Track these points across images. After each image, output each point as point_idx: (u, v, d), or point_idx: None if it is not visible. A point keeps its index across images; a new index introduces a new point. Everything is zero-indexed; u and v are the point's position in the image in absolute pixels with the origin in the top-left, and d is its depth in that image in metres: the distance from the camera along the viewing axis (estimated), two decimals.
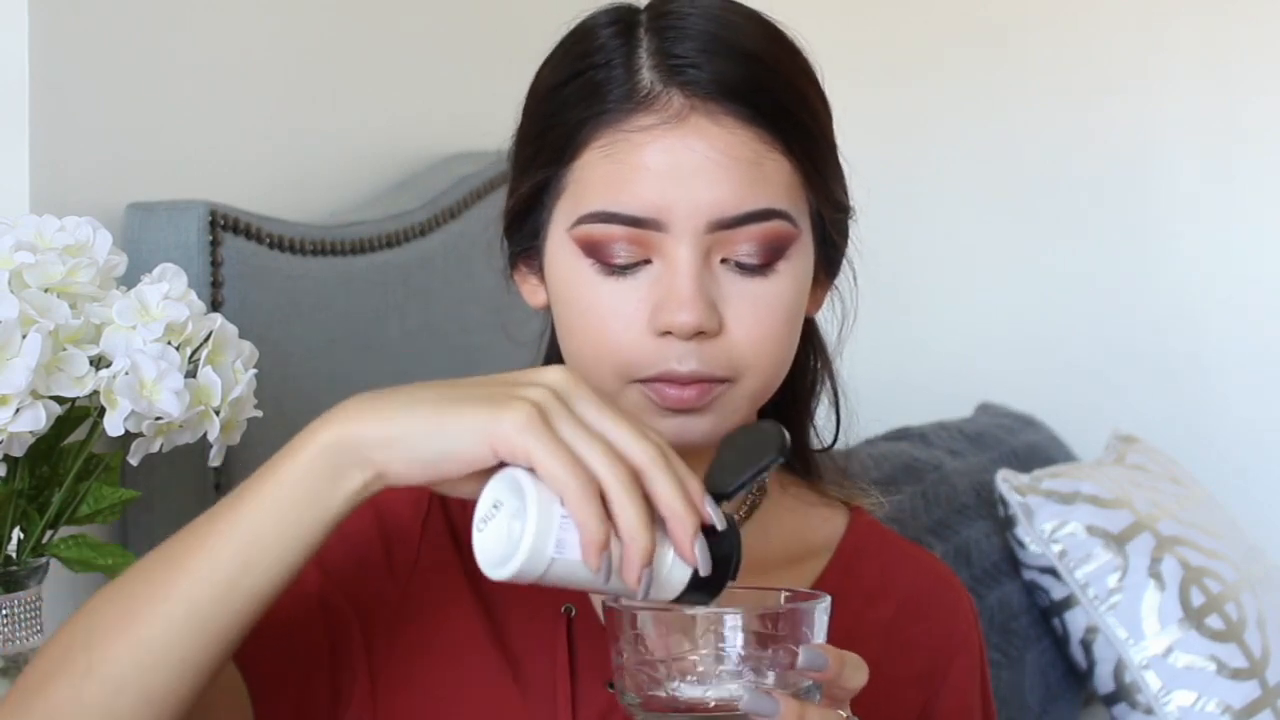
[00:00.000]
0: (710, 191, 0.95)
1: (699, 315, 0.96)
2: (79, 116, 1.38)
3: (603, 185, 0.97)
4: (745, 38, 0.99)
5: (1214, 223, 2.36)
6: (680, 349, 0.97)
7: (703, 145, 0.95)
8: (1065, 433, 2.31)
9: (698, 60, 0.96)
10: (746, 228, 0.97)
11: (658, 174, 0.95)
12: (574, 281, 0.99)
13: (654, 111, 0.96)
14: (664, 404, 0.98)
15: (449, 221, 1.73)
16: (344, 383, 1.56)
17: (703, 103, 0.96)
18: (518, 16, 1.97)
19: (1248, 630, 1.87)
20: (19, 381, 1.07)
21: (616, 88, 0.97)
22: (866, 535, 1.14)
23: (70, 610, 1.37)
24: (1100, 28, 2.42)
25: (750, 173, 0.96)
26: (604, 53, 0.99)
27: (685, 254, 0.96)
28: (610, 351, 0.98)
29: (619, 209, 0.96)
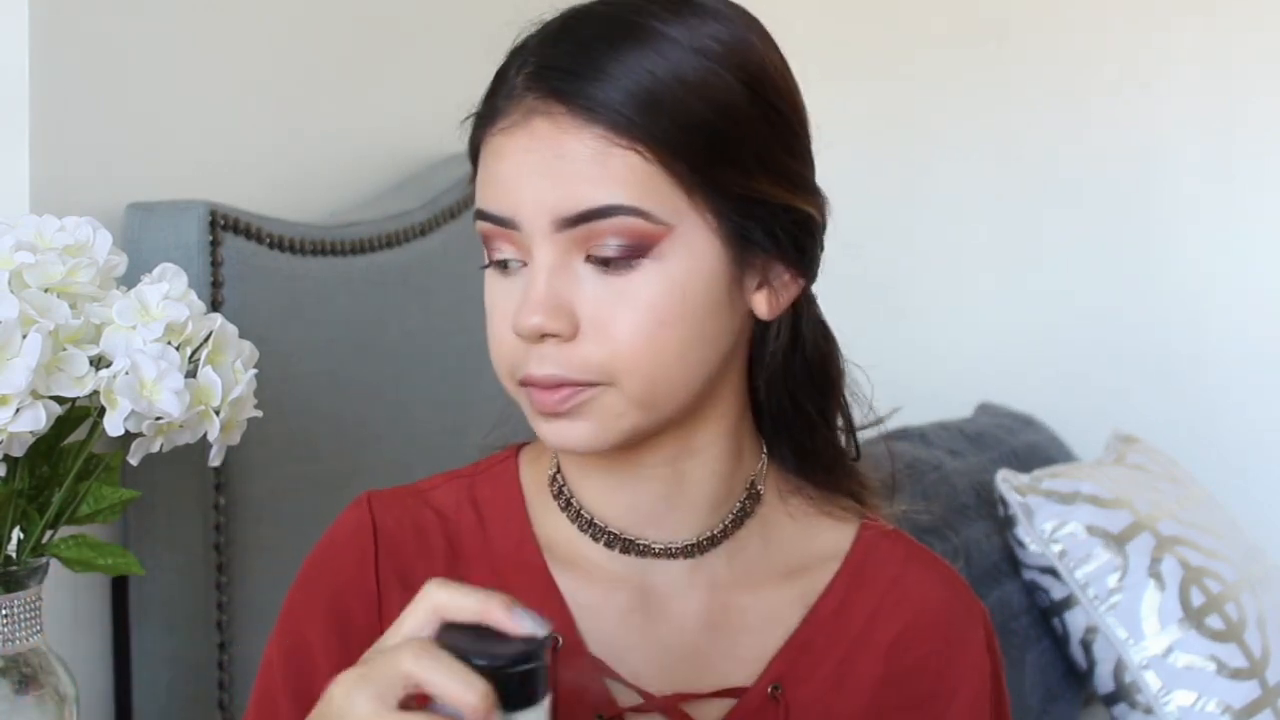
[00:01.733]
0: (549, 191, 0.95)
1: (539, 319, 0.95)
2: (79, 116, 1.38)
3: (478, 187, 1.00)
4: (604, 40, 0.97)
5: (1214, 223, 2.36)
6: (535, 352, 0.96)
7: (539, 145, 0.95)
8: (1065, 433, 2.31)
9: (552, 61, 0.97)
10: (592, 224, 0.95)
11: (507, 176, 0.97)
12: (487, 281, 1.01)
13: (507, 114, 0.98)
14: (539, 409, 0.98)
15: (449, 221, 1.73)
16: (344, 383, 1.56)
17: (542, 102, 0.96)
18: (518, 17, 1.97)
19: (1248, 630, 1.87)
20: (19, 381, 1.07)
21: (499, 95, 0.99)
22: (877, 544, 1.10)
23: (70, 610, 1.38)
24: (1101, 27, 2.42)
25: (589, 170, 0.95)
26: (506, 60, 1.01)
27: (539, 255, 0.96)
28: (495, 352, 1.00)
29: (485, 207, 0.98)
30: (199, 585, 1.42)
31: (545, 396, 0.97)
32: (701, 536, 1.05)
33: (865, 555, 1.09)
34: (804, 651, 1.05)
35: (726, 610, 1.05)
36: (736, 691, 1.04)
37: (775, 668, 1.05)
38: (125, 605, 1.41)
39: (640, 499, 1.04)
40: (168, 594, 1.41)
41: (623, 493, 1.04)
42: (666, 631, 1.04)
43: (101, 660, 1.42)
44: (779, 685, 1.04)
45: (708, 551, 1.06)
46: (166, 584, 1.41)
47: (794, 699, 1.04)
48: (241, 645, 1.46)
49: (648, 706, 1.02)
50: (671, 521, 1.05)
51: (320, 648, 1.03)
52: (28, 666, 1.17)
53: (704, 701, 1.03)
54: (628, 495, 1.04)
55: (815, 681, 1.05)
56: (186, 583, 1.42)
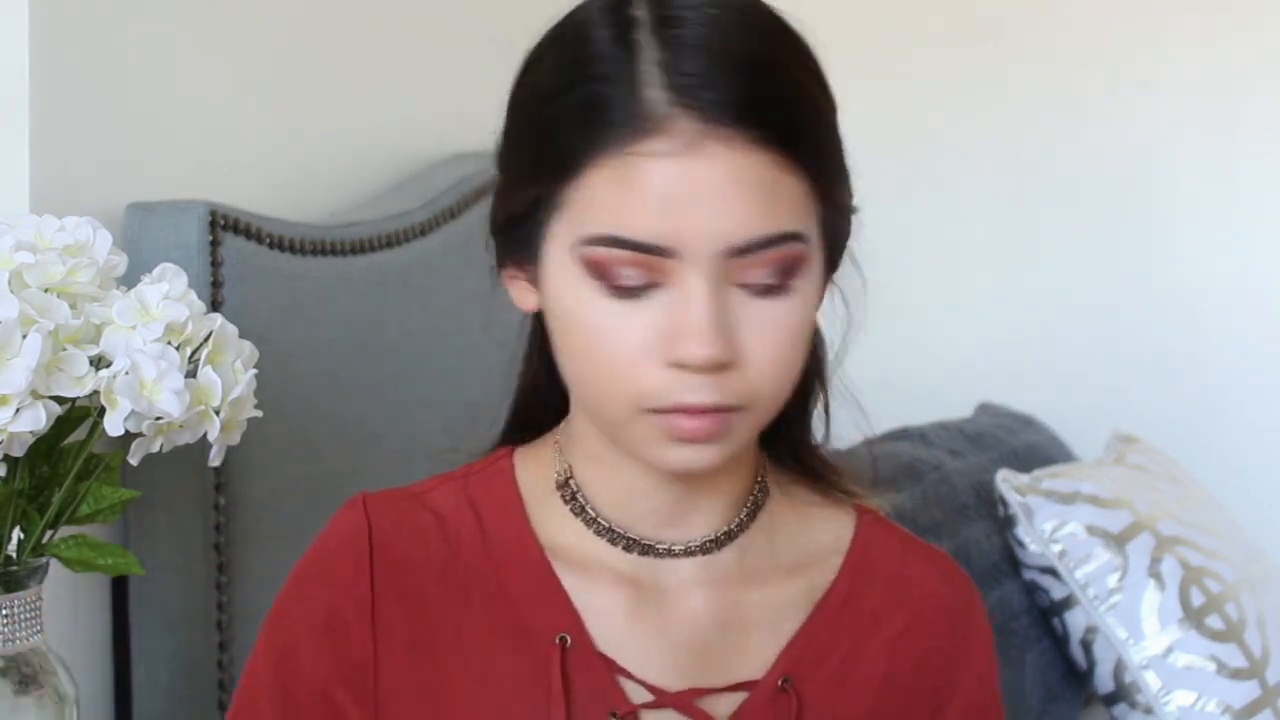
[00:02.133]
0: (725, 219, 0.91)
1: (717, 349, 0.92)
2: (79, 116, 1.38)
3: (608, 209, 0.92)
4: (756, 47, 0.94)
5: (1213, 222, 2.36)
6: (696, 381, 0.93)
7: (717, 173, 0.90)
8: (1065, 433, 2.31)
9: (708, 80, 0.91)
10: (763, 253, 0.92)
11: (668, 201, 0.90)
12: (579, 302, 0.94)
13: (664, 136, 0.90)
14: (679, 436, 0.94)
15: (449, 221, 1.73)
16: (344, 383, 1.56)
17: (715, 127, 0.90)
18: (518, 16, 1.97)
19: (1248, 630, 1.87)
20: (19, 381, 1.07)
21: (621, 106, 0.91)
22: (877, 536, 1.11)
23: (70, 610, 1.38)
24: (1098, 26, 2.41)
25: (765, 197, 0.91)
26: (603, 63, 0.93)
27: (699, 282, 0.91)
28: (622, 381, 0.94)
29: (627, 235, 0.91)
30: (199, 585, 1.42)
31: (697, 423, 0.94)
32: (715, 535, 1.05)
33: (866, 547, 1.10)
34: (812, 645, 1.06)
35: (735, 606, 1.05)
36: (748, 685, 1.04)
37: (785, 661, 1.05)
38: (125, 605, 1.41)
39: (662, 503, 1.04)
40: (168, 594, 1.41)
41: (645, 498, 1.04)
42: (675, 628, 1.04)
43: (101, 660, 1.42)
44: (789, 678, 1.04)
45: (715, 552, 1.06)
46: (166, 584, 1.41)
47: (803, 691, 1.04)
48: (241, 645, 1.46)
49: (661, 703, 1.02)
50: (689, 523, 1.05)
51: (309, 653, 1.03)
52: (28, 666, 1.17)
53: (716, 696, 1.03)
54: (650, 500, 1.04)
55: (824, 674, 1.05)
56: (186, 583, 1.42)
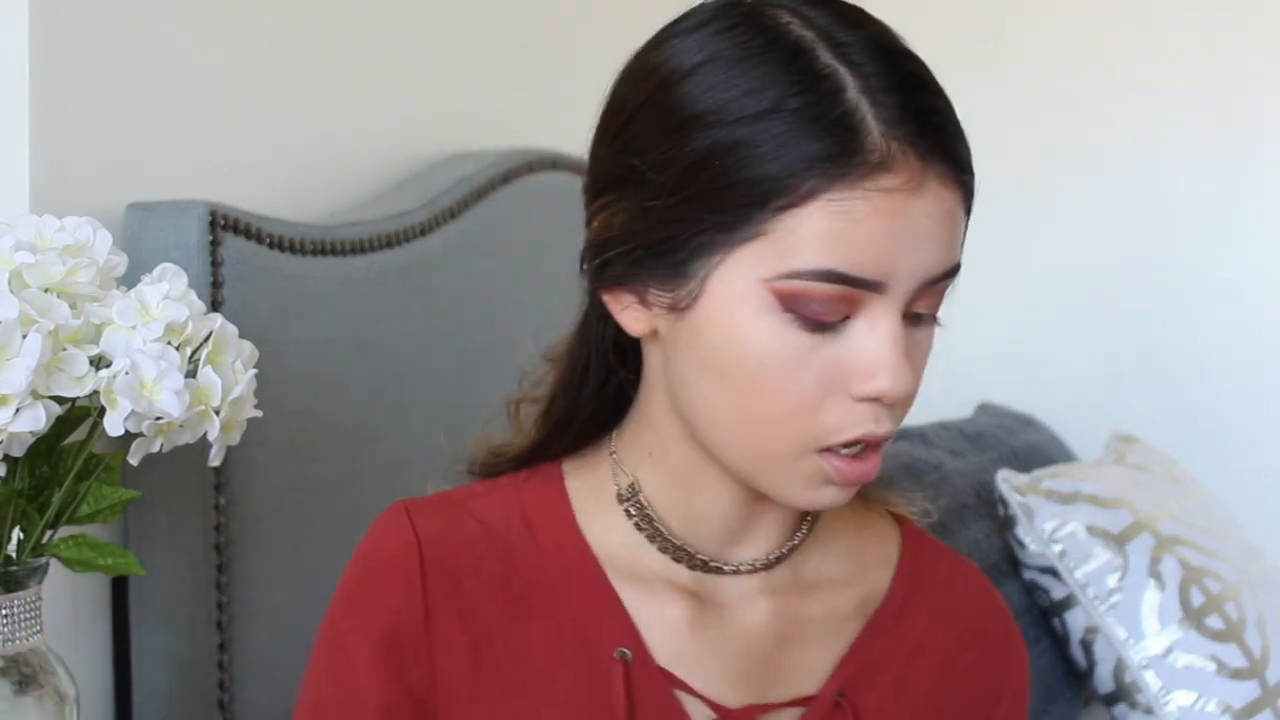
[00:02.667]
0: (931, 254, 0.91)
1: (910, 382, 0.93)
2: (79, 116, 1.38)
3: (828, 243, 0.89)
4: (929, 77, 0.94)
5: (1214, 222, 2.36)
6: (876, 412, 0.93)
7: (935, 209, 0.90)
8: (1065, 433, 2.31)
9: (920, 112, 0.90)
10: (942, 284, 0.94)
11: (893, 238, 0.89)
12: (764, 335, 0.91)
13: (892, 173, 0.88)
14: (840, 480, 0.94)
15: (449, 221, 1.73)
16: (344, 383, 1.56)
17: (934, 163, 0.90)
18: (519, 17, 1.97)
19: (1248, 630, 1.87)
20: (19, 381, 1.07)
21: (854, 139, 0.88)
22: (923, 550, 1.11)
23: (70, 610, 1.38)
24: (1100, 26, 2.42)
25: (955, 231, 0.93)
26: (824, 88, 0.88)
27: (892, 317, 0.91)
28: (801, 417, 0.92)
29: (847, 270, 0.89)
30: (199, 585, 1.42)
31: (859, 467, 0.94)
32: (778, 551, 1.05)
33: (914, 559, 1.10)
34: (867, 657, 1.05)
35: (793, 620, 1.05)
36: (805, 700, 1.03)
37: (840, 675, 1.04)
38: (125, 605, 1.41)
39: (730, 524, 1.03)
40: (168, 594, 1.41)
41: (715, 519, 1.03)
42: (734, 642, 1.03)
43: (101, 660, 1.42)
44: (844, 692, 1.03)
45: (776, 566, 1.05)
46: (166, 584, 1.41)
47: (859, 704, 1.03)
48: (241, 645, 1.46)
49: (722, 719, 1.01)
50: (752, 541, 1.04)
51: (369, 675, 1.00)
52: (28, 666, 1.17)
53: (775, 712, 1.02)
54: (719, 521, 1.03)
55: (878, 687, 1.05)
56: (186, 583, 1.42)
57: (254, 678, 1.47)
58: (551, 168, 1.89)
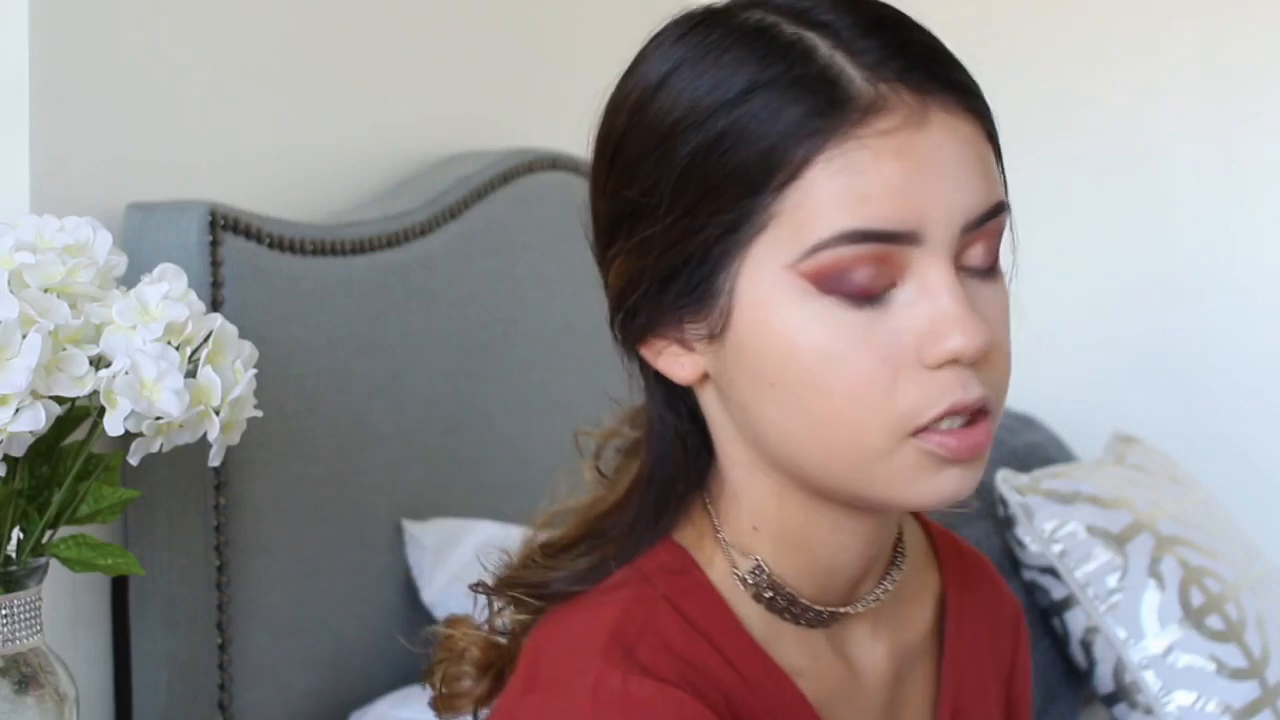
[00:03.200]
0: (963, 190, 0.83)
1: (984, 333, 0.82)
2: (79, 116, 1.38)
3: (841, 203, 0.81)
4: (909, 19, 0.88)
5: (1214, 222, 2.36)
6: (963, 376, 0.83)
7: (948, 139, 0.83)
8: (1065, 433, 2.31)
9: (904, 50, 0.84)
10: (989, 224, 0.85)
11: (908, 181, 0.81)
12: (810, 326, 0.82)
13: (888, 113, 0.81)
14: (953, 456, 0.84)
15: (449, 221, 1.73)
16: (344, 383, 1.56)
17: (934, 95, 0.83)
18: (518, 17, 1.97)
19: (1248, 630, 1.87)
20: (19, 381, 1.07)
21: (823, 96, 0.81)
22: (943, 538, 1.08)
23: (70, 610, 1.38)
24: (1100, 27, 2.41)
25: (984, 164, 0.85)
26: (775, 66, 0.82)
27: (943, 268, 0.82)
28: (878, 402, 0.82)
29: (870, 225, 0.81)
30: (199, 585, 1.42)
31: (964, 439, 0.84)
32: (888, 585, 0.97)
33: (945, 551, 1.06)
34: (956, 675, 1.01)
35: (905, 653, 0.99)
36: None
37: (947, 698, 0.99)
38: (125, 605, 1.41)
39: (854, 572, 0.94)
40: (168, 594, 1.41)
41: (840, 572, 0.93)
42: (873, 697, 0.96)
43: (101, 660, 1.42)
44: (956, 709, 1.00)
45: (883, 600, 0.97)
46: (166, 584, 1.41)
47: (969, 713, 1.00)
48: (241, 645, 1.46)
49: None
50: (868, 581, 0.96)
51: None
52: (28, 666, 1.17)
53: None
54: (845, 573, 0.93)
55: (967, 699, 1.01)
56: (186, 583, 1.42)
57: (254, 678, 1.47)
58: (551, 168, 1.89)
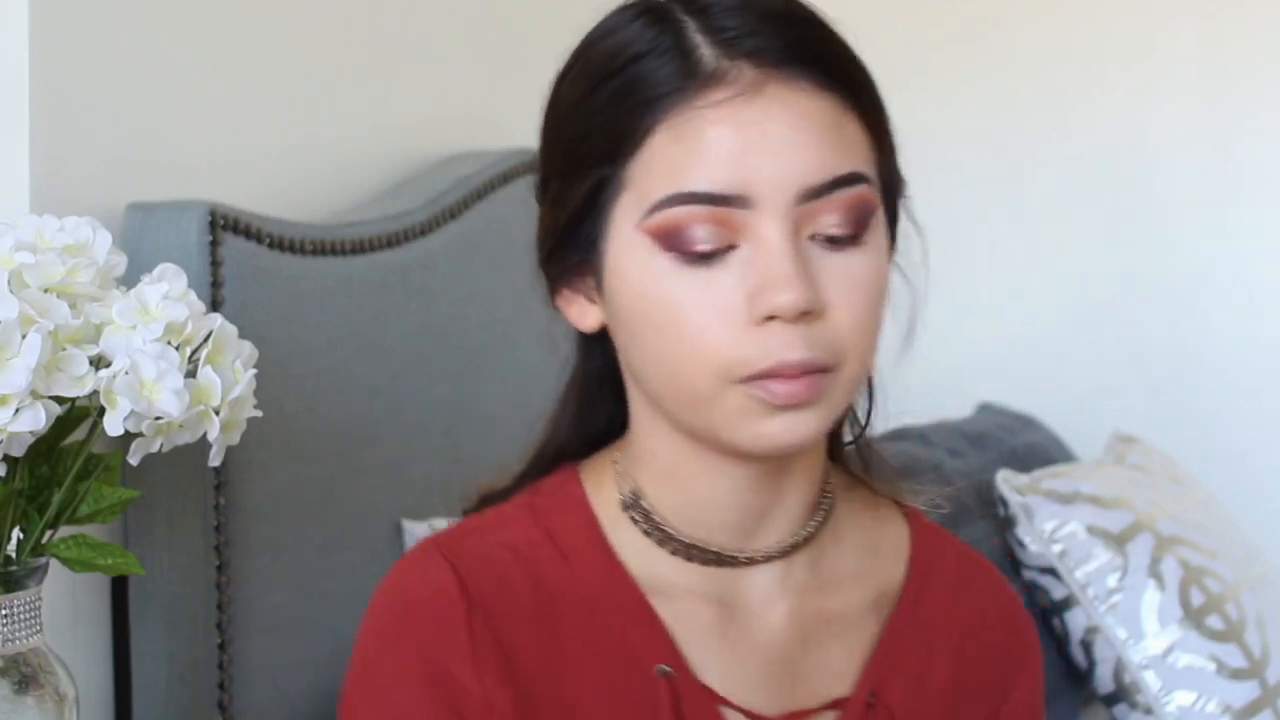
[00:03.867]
0: (795, 160, 0.89)
1: (804, 293, 0.89)
2: (79, 116, 1.38)
3: (674, 167, 0.91)
4: (791, 3, 0.94)
5: (1214, 222, 2.36)
6: (786, 335, 0.90)
7: (783, 113, 0.90)
8: (1065, 433, 2.31)
9: (762, 29, 0.91)
10: (835, 195, 0.91)
11: (737, 148, 0.89)
12: (653, 280, 0.92)
13: (725, 86, 0.89)
14: (774, 401, 0.91)
15: (449, 221, 1.73)
16: (344, 383, 1.56)
17: (776, 70, 0.90)
18: (518, 17, 1.97)
19: (1248, 630, 1.87)
20: (19, 381, 1.07)
21: (672, 68, 0.91)
22: (933, 541, 1.10)
23: (70, 610, 1.38)
24: (1099, 26, 2.41)
25: (832, 137, 0.91)
26: (643, 41, 0.92)
27: (776, 231, 0.89)
28: (710, 351, 0.91)
29: (697, 187, 0.90)
30: (199, 585, 1.42)
31: (791, 387, 0.91)
32: (792, 540, 1.02)
33: (924, 553, 1.08)
34: (890, 654, 1.04)
35: (815, 617, 1.03)
36: (838, 703, 1.02)
37: (870, 675, 1.03)
38: (125, 605, 1.41)
39: (738, 514, 1.01)
40: (168, 594, 1.41)
41: (721, 510, 1.00)
42: (761, 647, 1.02)
43: (101, 660, 1.42)
44: (874, 693, 1.02)
45: (789, 558, 1.03)
46: (166, 584, 1.41)
47: (890, 702, 1.03)
48: (241, 645, 1.46)
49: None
50: (764, 532, 1.02)
51: (423, 712, 0.97)
52: (27, 666, 1.17)
53: (811, 717, 1.01)
54: (726, 512, 1.01)
55: (903, 683, 1.04)
56: (186, 583, 1.42)
57: (254, 678, 1.47)
58: None
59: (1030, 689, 1.10)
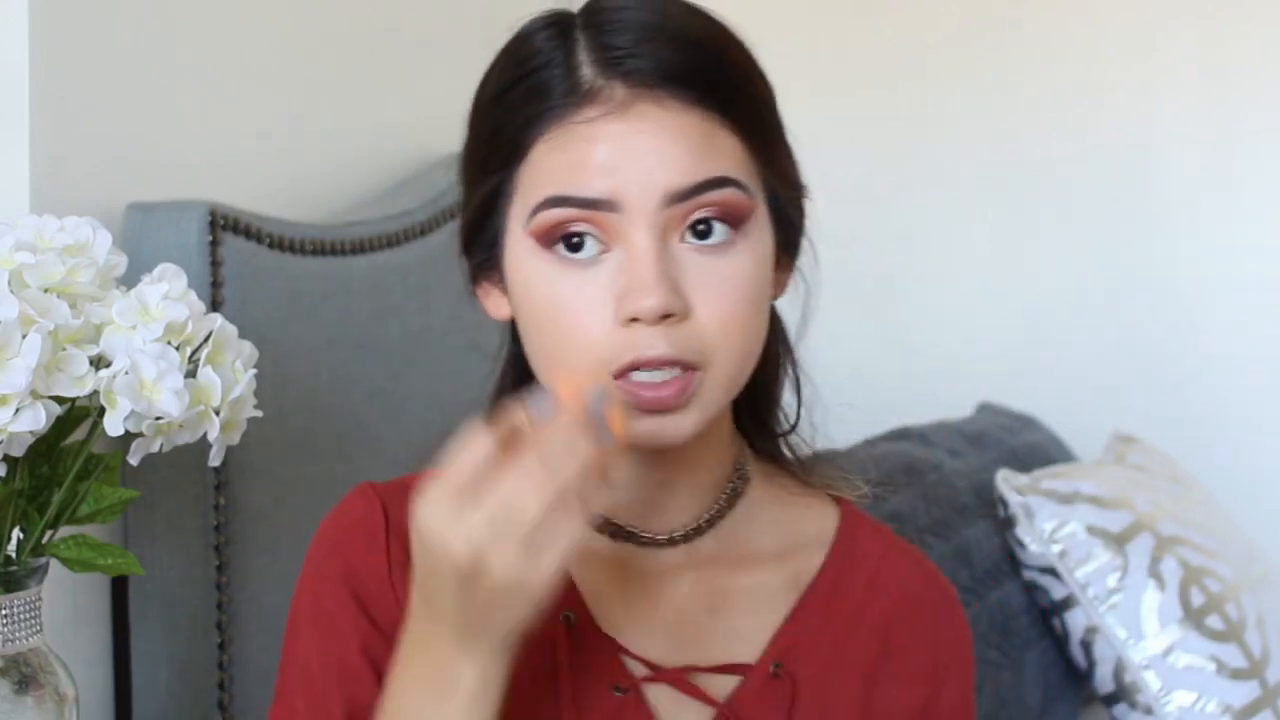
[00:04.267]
0: (661, 166, 0.95)
1: (663, 298, 0.95)
2: (79, 116, 1.38)
3: (552, 175, 0.98)
4: (682, 24, 1.00)
5: (1213, 222, 2.36)
6: (650, 336, 0.95)
7: (650, 127, 0.96)
8: (1065, 433, 2.31)
9: (637, 50, 0.97)
10: (702, 196, 0.96)
11: (607, 159, 0.96)
12: (536, 279, 0.99)
13: (598, 104, 0.96)
14: (641, 405, 0.96)
15: (449, 221, 1.73)
16: (344, 383, 1.56)
17: (648, 90, 0.96)
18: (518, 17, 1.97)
19: (1248, 630, 1.87)
20: (19, 381, 1.07)
21: (558, 85, 0.98)
22: (861, 528, 1.14)
23: (70, 610, 1.38)
24: (1099, 26, 2.41)
25: (699, 146, 0.96)
26: (542, 55, 1.00)
27: (643, 236, 0.96)
28: (581, 346, 0.97)
29: (569, 191, 0.97)
30: (199, 585, 1.42)
31: (656, 394, 0.96)
32: (696, 523, 1.07)
33: (851, 538, 1.13)
34: (802, 630, 1.08)
35: (721, 591, 1.08)
36: (741, 668, 1.06)
37: (776, 646, 1.07)
38: (125, 605, 1.41)
39: (639, 490, 1.06)
40: (168, 594, 1.41)
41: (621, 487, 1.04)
42: (666, 612, 1.07)
43: (101, 660, 1.42)
44: (780, 664, 1.07)
45: (697, 539, 1.08)
46: (166, 584, 1.41)
47: (796, 676, 1.07)
48: (241, 645, 1.46)
49: (658, 678, 1.05)
50: (668, 511, 1.07)
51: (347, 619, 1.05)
52: (28, 666, 1.17)
53: (711, 676, 1.06)
54: (627, 490, 1.05)
55: (815, 659, 1.08)
56: (186, 583, 1.42)
57: (254, 678, 1.47)
58: None
59: (962, 683, 1.13)
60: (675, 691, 1.05)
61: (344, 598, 1.05)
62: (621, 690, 1.04)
